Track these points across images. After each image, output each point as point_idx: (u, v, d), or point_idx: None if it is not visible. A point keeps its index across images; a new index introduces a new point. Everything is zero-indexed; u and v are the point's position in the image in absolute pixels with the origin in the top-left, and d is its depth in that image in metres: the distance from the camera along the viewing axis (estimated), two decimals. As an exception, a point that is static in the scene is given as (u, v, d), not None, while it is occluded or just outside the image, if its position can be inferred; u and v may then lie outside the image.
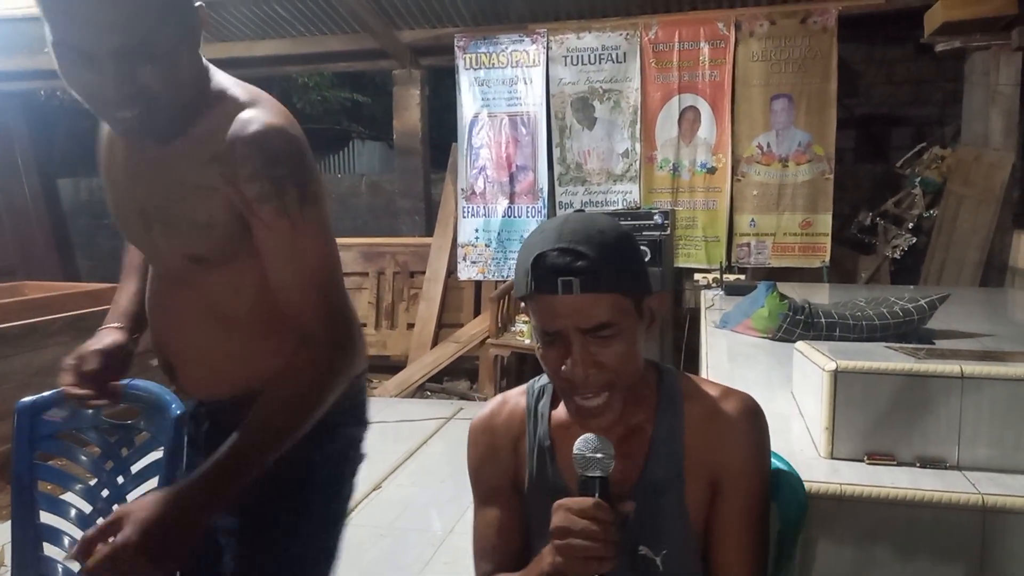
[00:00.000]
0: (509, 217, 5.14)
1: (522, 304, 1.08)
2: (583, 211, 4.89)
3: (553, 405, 1.10)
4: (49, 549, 1.60)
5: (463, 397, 4.95)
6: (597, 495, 0.89)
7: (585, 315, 0.94)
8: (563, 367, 0.96)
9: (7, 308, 3.90)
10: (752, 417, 1.04)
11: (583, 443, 0.90)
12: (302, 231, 1.06)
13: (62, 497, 1.63)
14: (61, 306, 4.07)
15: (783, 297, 2.54)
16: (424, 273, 5.41)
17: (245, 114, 1.06)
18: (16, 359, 3.58)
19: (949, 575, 1.33)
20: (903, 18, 4.79)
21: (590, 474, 0.90)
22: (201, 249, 1.12)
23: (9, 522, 1.60)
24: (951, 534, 1.33)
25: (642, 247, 1.11)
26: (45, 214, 6.93)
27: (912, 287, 3.89)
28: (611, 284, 0.94)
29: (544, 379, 1.13)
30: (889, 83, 5.64)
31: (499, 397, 1.16)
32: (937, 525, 1.33)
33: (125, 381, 1.31)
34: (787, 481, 1.16)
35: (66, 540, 1.60)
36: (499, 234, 5.16)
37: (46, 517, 1.60)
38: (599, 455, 0.89)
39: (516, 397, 1.14)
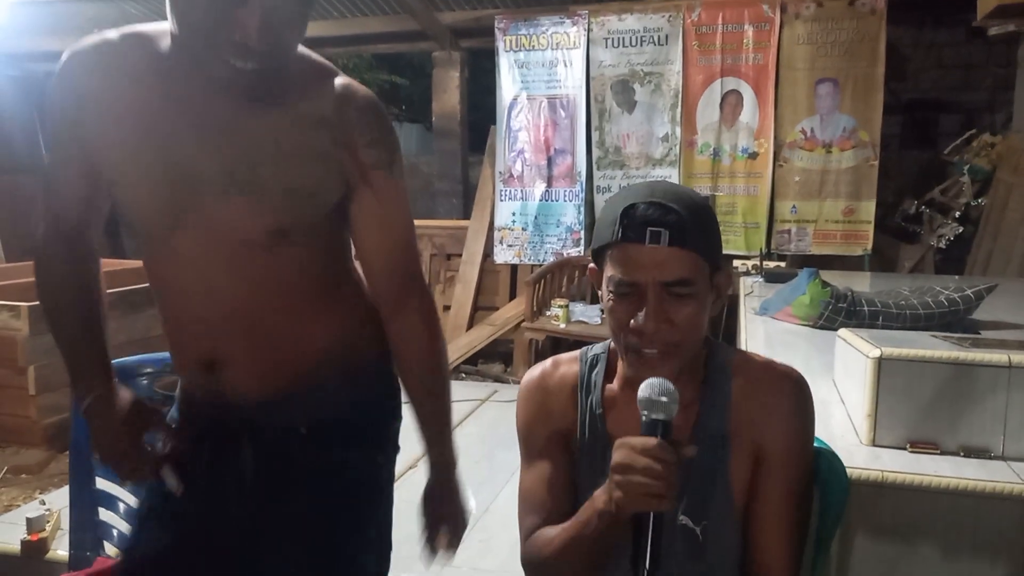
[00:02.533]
0: (546, 201, 5.14)
1: (591, 265, 1.07)
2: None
3: (606, 376, 1.11)
4: (104, 514, 1.66)
5: (497, 380, 4.99)
6: (662, 436, 0.89)
7: (668, 268, 0.96)
8: (632, 321, 0.98)
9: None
10: (797, 390, 1.05)
11: (649, 386, 0.90)
12: (404, 195, 1.12)
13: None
14: (110, 282, 4.18)
15: (825, 284, 2.51)
16: (461, 256, 5.44)
17: (343, 81, 1.06)
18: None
19: (991, 565, 1.33)
20: (954, 1, 4.66)
21: (655, 416, 0.90)
22: (288, 219, 1.04)
23: (67, 487, 1.67)
24: (994, 524, 1.32)
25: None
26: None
27: (957, 277, 3.82)
28: (696, 242, 0.97)
29: (597, 348, 1.14)
30: (938, 67, 5.50)
31: (549, 360, 1.17)
32: (980, 515, 1.33)
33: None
34: (829, 464, 1.16)
35: (120, 506, 1.67)
36: (536, 218, 5.16)
37: (102, 483, 1.65)
38: (664, 398, 0.89)
39: (568, 362, 1.15)
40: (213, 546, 1.14)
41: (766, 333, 2.49)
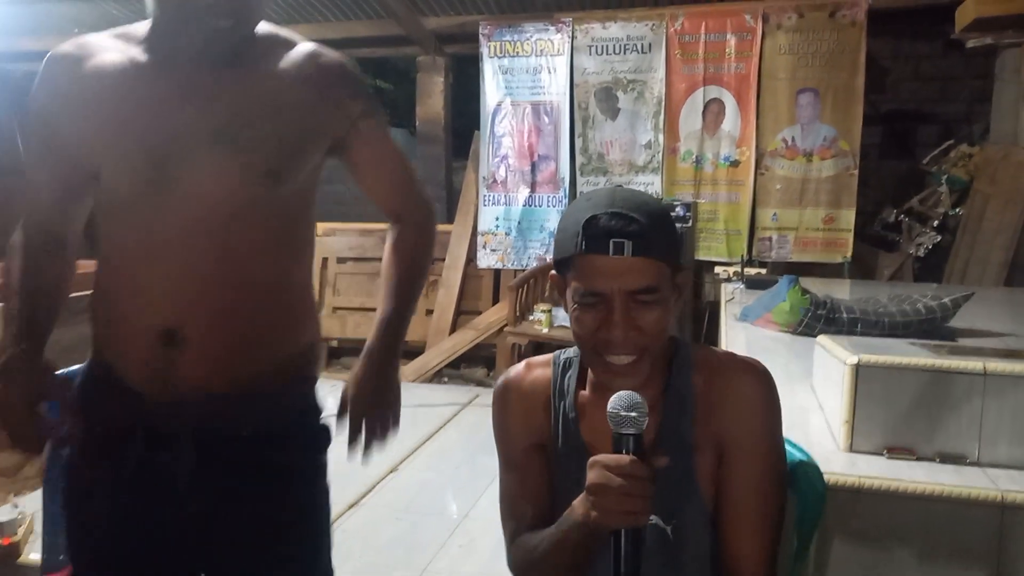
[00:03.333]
0: (530, 206, 5.15)
1: (553, 272, 1.07)
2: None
3: (578, 380, 1.11)
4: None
5: (480, 384, 4.99)
6: (631, 452, 0.90)
7: (633, 277, 0.97)
8: (600, 330, 0.98)
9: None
10: (759, 380, 1.05)
11: (617, 400, 0.91)
12: (389, 134, 1.26)
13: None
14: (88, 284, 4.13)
15: (805, 292, 2.53)
16: (444, 260, 5.44)
17: (314, 46, 1.16)
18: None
19: (965, 571, 1.34)
20: (933, 13, 4.72)
21: (624, 431, 0.90)
22: (282, 164, 1.10)
23: (39, 491, 1.65)
24: (969, 530, 1.33)
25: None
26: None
27: (935, 285, 3.86)
28: (659, 250, 0.98)
29: (569, 352, 1.14)
30: (917, 79, 5.57)
31: (522, 364, 1.17)
32: (955, 521, 1.34)
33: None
34: (805, 471, 1.17)
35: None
36: (519, 223, 5.17)
37: (76, 487, 1.64)
38: (633, 413, 0.89)
39: (541, 366, 1.15)
40: (151, 548, 1.13)
41: (746, 339, 2.50)
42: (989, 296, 3.31)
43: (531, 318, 4.74)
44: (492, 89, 5.15)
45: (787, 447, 1.17)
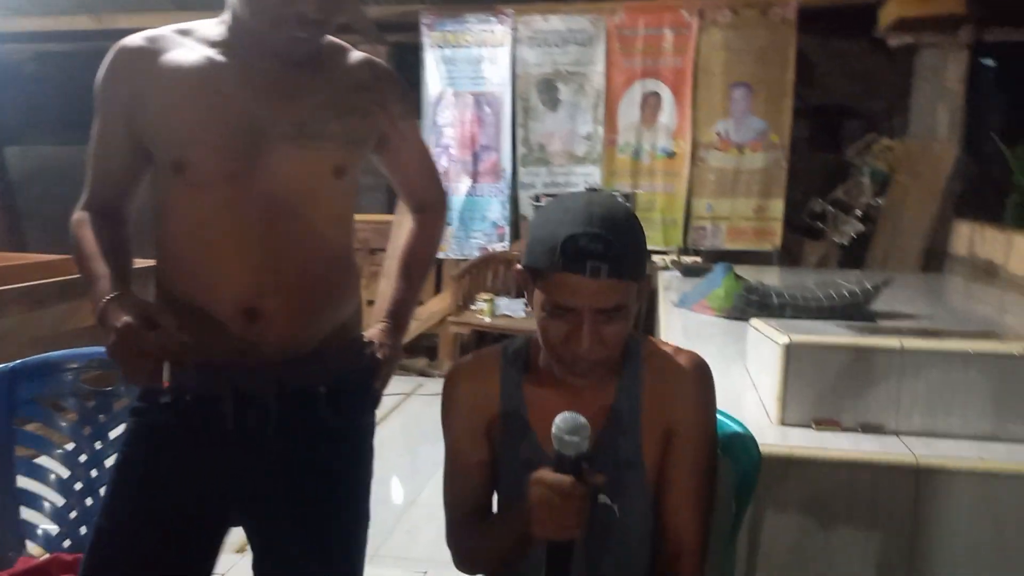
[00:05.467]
0: (472, 196, 5.18)
1: (518, 265, 1.10)
2: (596, 190, 4.88)
3: (526, 370, 1.17)
4: (27, 513, 1.62)
5: (422, 374, 5.01)
6: (572, 472, 0.96)
7: (605, 297, 1.00)
8: (566, 340, 1.03)
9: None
10: (702, 375, 1.14)
11: (562, 423, 0.96)
12: (420, 135, 1.43)
13: (40, 462, 1.65)
14: (14, 277, 3.99)
15: (739, 278, 2.66)
16: (385, 250, 5.43)
17: (364, 55, 1.31)
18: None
19: (886, 530, 1.46)
20: (859, 13, 4.93)
21: (566, 453, 0.96)
22: (346, 159, 1.22)
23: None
24: (888, 493, 1.45)
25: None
26: (-7, 183, 6.74)
27: (858, 272, 4.07)
28: (632, 272, 1.02)
29: (517, 342, 1.20)
30: (842, 75, 5.80)
31: (471, 355, 1.23)
32: (876, 485, 1.45)
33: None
34: (741, 441, 1.26)
35: (46, 505, 1.63)
36: (461, 213, 5.20)
37: (24, 482, 1.62)
38: (575, 438, 0.95)
39: (490, 357, 1.20)
40: (215, 506, 1.22)
41: (683, 325, 2.61)
42: (908, 281, 3.51)
43: (473, 308, 4.78)
44: (434, 79, 5.16)
45: (725, 420, 1.26)
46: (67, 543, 1.62)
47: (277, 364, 1.18)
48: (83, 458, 1.64)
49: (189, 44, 1.18)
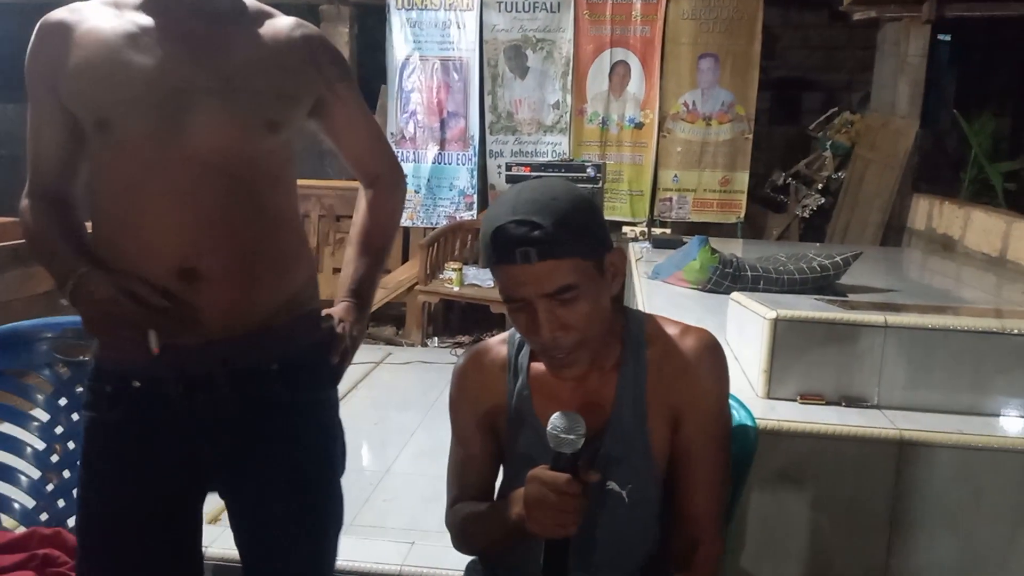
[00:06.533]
0: (439, 164, 5.12)
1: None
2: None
3: (532, 356, 1.16)
4: (2, 487, 1.59)
5: (390, 343, 4.98)
6: (569, 470, 0.97)
7: (545, 281, 0.99)
8: (529, 331, 1.03)
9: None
10: (713, 353, 1.12)
11: (558, 422, 0.96)
12: (362, 101, 1.35)
13: (14, 435, 1.60)
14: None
15: (714, 251, 2.69)
16: (351, 217, 5.33)
17: (292, 18, 1.27)
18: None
19: (868, 501, 1.51)
20: (823, -15, 4.98)
21: (562, 450, 0.97)
22: (279, 115, 1.19)
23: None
24: (871, 465, 1.50)
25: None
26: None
27: (818, 244, 4.16)
28: (567, 249, 0.99)
29: None
30: (804, 48, 5.87)
31: (481, 345, 1.22)
32: (860, 457, 1.50)
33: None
34: (739, 420, 1.28)
35: (22, 479, 1.59)
36: (429, 180, 5.14)
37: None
38: (571, 436, 0.96)
39: (497, 346, 1.20)
40: (183, 490, 1.20)
41: (661, 296, 2.64)
42: (870, 254, 3.60)
43: (441, 276, 4.76)
44: (400, 42, 5.06)
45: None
46: (44, 516, 1.59)
47: (222, 342, 1.14)
48: (59, 430, 1.60)
49: (111, 12, 1.16)
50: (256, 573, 1.27)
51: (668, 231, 4.44)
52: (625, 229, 4.54)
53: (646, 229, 4.27)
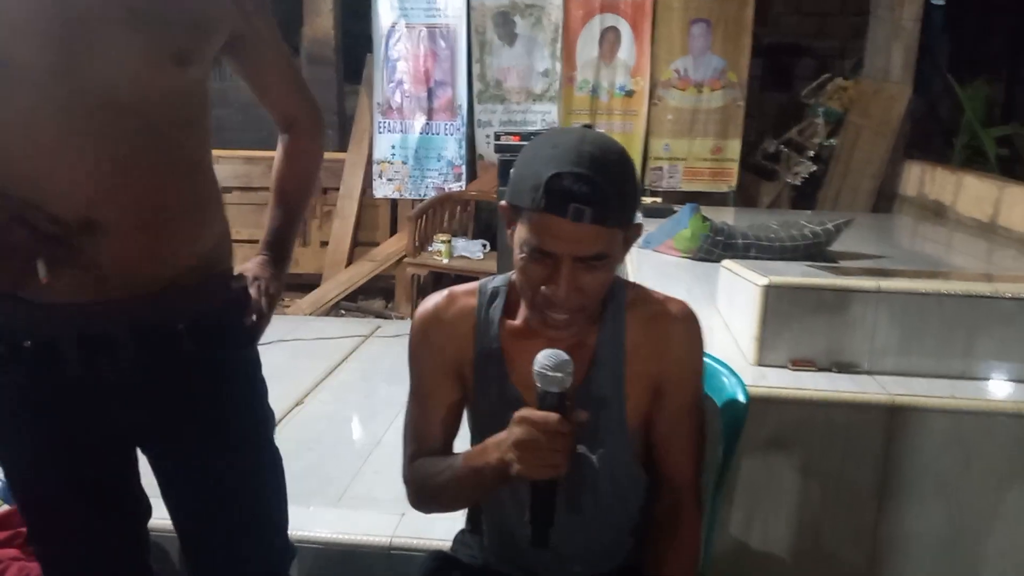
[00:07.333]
0: (427, 134, 5.05)
1: (503, 202, 1.05)
2: (591, 126, 4.74)
3: (505, 311, 1.12)
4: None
5: (379, 316, 4.95)
6: (557, 409, 0.94)
7: (587, 244, 0.96)
8: (543, 286, 0.99)
9: None
10: (689, 324, 1.11)
11: (544, 359, 0.94)
12: (280, 40, 1.28)
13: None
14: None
15: (705, 219, 2.66)
16: (338, 190, 5.28)
17: None
18: None
19: (859, 466, 1.50)
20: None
21: (550, 389, 0.94)
22: (188, 45, 1.09)
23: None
24: (863, 430, 1.49)
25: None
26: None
27: (810, 212, 4.14)
28: (616, 219, 0.97)
29: (497, 281, 1.15)
30: (797, 13, 5.80)
31: (446, 292, 1.16)
32: (851, 423, 1.49)
33: None
34: (730, 386, 1.26)
35: None
36: (416, 151, 5.07)
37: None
38: (559, 374, 0.93)
39: (465, 296, 1.15)
40: (104, 454, 1.16)
41: (651, 265, 2.61)
42: (861, 221, 3.58)
43: (430, 249, 4.72)
44: (385, 9, 4.96)
45: (713, 364, 1.26)
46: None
47: (125, 300, 1.07)
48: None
49: None
50: (190, 539, 1.23)
51: (659, 200, 4.40)
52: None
53: (637, 198, 4.22)
